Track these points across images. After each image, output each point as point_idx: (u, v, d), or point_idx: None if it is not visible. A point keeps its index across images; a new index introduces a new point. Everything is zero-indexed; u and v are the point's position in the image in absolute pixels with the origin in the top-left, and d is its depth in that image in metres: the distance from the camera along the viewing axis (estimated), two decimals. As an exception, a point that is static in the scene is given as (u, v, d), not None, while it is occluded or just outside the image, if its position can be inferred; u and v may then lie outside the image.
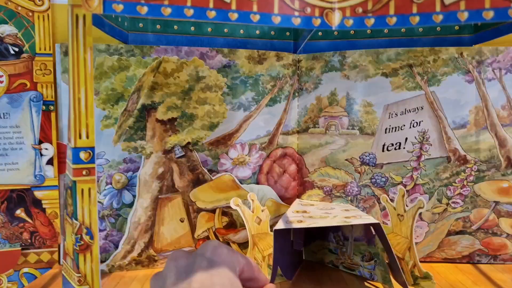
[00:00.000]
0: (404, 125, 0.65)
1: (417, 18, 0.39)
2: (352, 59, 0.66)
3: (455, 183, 0.65)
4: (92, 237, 0.42)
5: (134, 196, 0.63)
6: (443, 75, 0.64)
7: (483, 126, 0.64)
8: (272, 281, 0.53)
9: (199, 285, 0.37)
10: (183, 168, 0.64)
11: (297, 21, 0.40)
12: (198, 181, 0.65)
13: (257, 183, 0.68)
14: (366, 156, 0.67)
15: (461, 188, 0.65)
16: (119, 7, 0.37)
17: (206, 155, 0.66)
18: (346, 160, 0.67)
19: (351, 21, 0.40)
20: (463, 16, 0.38)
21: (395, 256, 0.51)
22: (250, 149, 0.68)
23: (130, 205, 0.63)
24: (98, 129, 0.62)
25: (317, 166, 0.69)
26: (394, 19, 0.39)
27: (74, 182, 0.41)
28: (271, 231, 0.61)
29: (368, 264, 0.59)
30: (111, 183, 0.64)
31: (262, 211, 0.61)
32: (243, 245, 0.68)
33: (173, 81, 0.61)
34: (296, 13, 0.40)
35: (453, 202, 0.65)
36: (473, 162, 0.64)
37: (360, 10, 0.40)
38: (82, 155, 0.42)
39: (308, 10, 0.40)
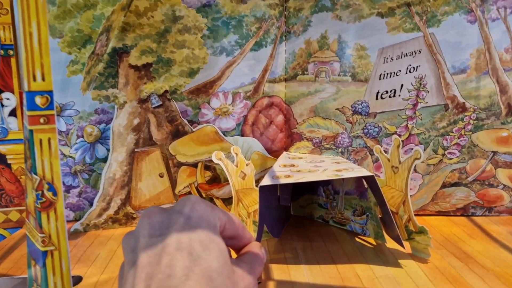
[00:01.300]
0: (400, 71, 0.61)
1: None
2: (345, -3, 0.59)
3: (452, 132, 0.61)
4: (55, 194, 0.38)
5: (108, 150, 0.58)
6: (443, 15, 0.59)
7: (484, 71, 0.60)
8: (258, 239, 0.49)
9: (175, 242, 0.33)
10: (161, 119, 0.58)
11: None
12: (177, 133, 0.60)
13: (242, 135, 0.64)
14: (358, 105, 0.62)
15: (458, 138, 0.61)
16: None
17: (185, 105, 0.60)
18: (337, 109, 0.63)
19: None
20: None
21: (389, 210, 0.47)
22: (233, 98, 0.62)
23: (105, 159, 0.59)
24: (64, 77, 0.56)
25: (306, 116, 0.64)
26: None
27: (31, 131, 0.36)
28: (257, 186, 0.57)
29: (360, 218, 0.55)
30: (82, 136, 0.59)
31: (247, 165, 0.57)
32: (228, 200, 0.64)
33: (147, 22, 0.55)
34: None
35: (449, 153, 0.62)
36: (472, 110, 0.60)
37: None
38: (38, 100, 0.36)
39: None
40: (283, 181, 0.47)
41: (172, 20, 0.56)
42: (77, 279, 0.44)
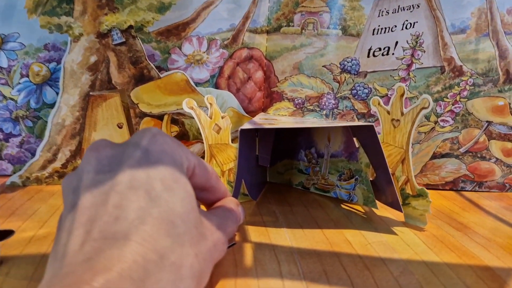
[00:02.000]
0: (396, 26, 0.55)
1: None
2: None
3: (447, 98, 0.56)
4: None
5: (58, 94, 0.49)
6: (446, -33, 0.53)
7: (484, 33, 0.55)
8: (235, 195, 0.42)
9: (128, 180, 0.25)
10: (123, 59, 0.50)
11: None
12: (142, 78, 0.51)
13: (216, 88, 0.56)
14: (348, 62, 0.56)
15: (453, 105, 0.56)
16: None
17: (153, 47, 0.52)
18: (324, 66, 0.56)
19: None
20: None
21: (389, 170, 0.41)
22: (209, 45, 0.55)
23: (53, 105, 0.50)
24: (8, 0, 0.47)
25: (289, 73, 0.57)
26: None
27: None
28: (233, 142, 0.50)
29: (347, 183, 0.49)
30: (27, 76, 0.49)
31: (223, 117, 0.50)
32: (196, 161, 0.56)
33: None
34: None
35: (442, 120, 0.57)
36: (469, 75, 0.55)
37: None
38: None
39: None
40: (268, 126, 0.40)
41: None
42: (6, 233, 0.36)
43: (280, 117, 0.53)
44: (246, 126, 0.41)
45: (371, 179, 0.46)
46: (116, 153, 0.26)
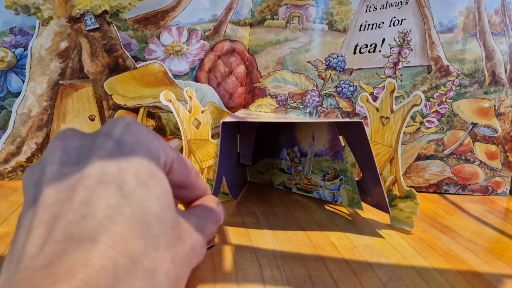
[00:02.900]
0: (383, 23, 0.53)
1: None
2: None
3: (433, 98, 0.55)
4: None
5: (24, 82, 0.46)
6: (435, -36, 0.52)
7: (472, 33, 0.54)
8: (215, 193, 0.39)
9: (98, 173, 0.22)
10: (96, 47, 0.47)
11: None
12: (116, 67, 0.48)
13: (196, 81, 0.53)
14: (333, 59, 0.54)
15: (439, 105, 0.55)
16: None
17: (130, 36, 0.49)
18: (309, 62, 0.54)
19: None
20: None
21: (378, 169, 0.39)
22: (189, 36, 0.52)
23: (19, 94, 0.46)
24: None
25: (272, 69, 0.55)
26: None
27: None
28: (213, 138, 0.47)
29: (331, 183, 0.47)
30: (-10, 61, 0.46)
31: (202, 112, 0.47)
32: (173, 158, 0.53)
33: None
34: None
35: (428, 121, 0.55)
36: (455, 75, 0.54)
37: None
38: None
39: None
40: (251, 120, 0.38)
41: None
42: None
43: (262, 113, 0.50)
44: (228, 119, 0.38)
45: (357, 179, 0.45)
46: (85, 143, 0.23)
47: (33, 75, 0.45)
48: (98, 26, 0.46)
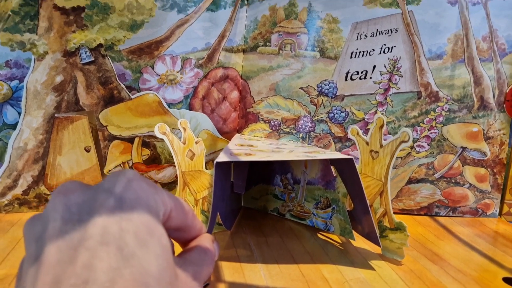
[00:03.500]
0: (374, 50, 0.54)
1: None
2: (320, -40, 0.52)
3: (423, 123, 0.56)
4: None
5: (20, 114, 0.46)
6: (424, -8, 0.53)
7: (460, 59, 0.55)
8: (209, 231, 0.40)
9: (99, 233, 0.22)
10: (92, 79, 0.47)
11: None
12: (111, 99, 0.49)
13: (190, 109, 0.54)
14: (325, 85, 0.55)
15: (429, 130, 0.56)
16: None
17: (124, 66, 0.49)
18: (301, 88, 0.55)
19: None
20: None
21: (367, 201, 0.40)
22: (183, 65, 0.53)
23: (14, 126, 0.46)
24: (-36, 12, 0.43)
25: (265, 94, 0.56)
26: None
27: None
28: (207, 169, 0.48)
29: (324, 212, 0.48)
30: (-14, 94, 0.46)
31: (196, 143, 0.48)
32: (168, 185, 0.54)
33: (81, -46, 0.44)
34: None
35: (418, 146, 0.56)
36: (445, 100, 0.55)
37: None
38: None
39: None
40: (244, 159, 0.39)
41: (114, -43, 0.45)
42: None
43: (256, 141, 0.51)
44: (222, 158, 0.39)
45: (348, 209, 0.46)
46: (86, 199, 0.24)
47: (29, 109, 0.45)
48: (93, 59, 0.47)
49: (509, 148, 0.58)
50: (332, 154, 0.40)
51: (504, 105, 0.56)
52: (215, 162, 0.37)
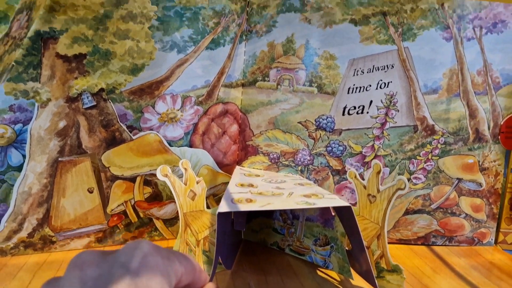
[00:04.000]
0: (370, 86, 0.55)
1: None
2: (317, -2, 0.53)
3: (420, 156, 0.57)
4: None
5: (24, 156, 0.47)
6: (419, 29, 0.54)
7: (456, 93, 0.56)
8: (211, 277, 0.41)
9: None
10: (94, 123, 0.48)
11: None
12: (113, 141, 0.50)
13: (191, 145, 0.55)
14: (323, 120, 0.56)
15: (425, 163, 0.57)
16: None
17: (125, 107, 0.50)
18: (299, 123, 0.56)
19: None
20: None
21: (364, 243, 0.41)
22: (183, 103, 0.53)
23: (19, 168, 0.47)
24: (-31, 62, 0.44)
25: (264, 128, 0.57)
26: None
27: None
28: (208, 208, 0.49)
29: (323, 249, 0.49)
30: (-10, 138, 0.47)
31: (197, 182, 0.49)
32: (170, 221, 0.55)
33: (82, 2, 0.44)
34: None
35: (415, 178, 0.57)
36: (440, 134, 0.56)
37: None
38: None
39: None
40: (246, 207, 0.40)
41: (114, 3, 0.46)
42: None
43: (256, 179, 0.52)
44: (223, 207, 0.40)
45: (347, 248, 0.47)
46: (102, 273, 0.25)
47: (33, 155, 0.46)
48: (95, 103, 0.48)
49: (504, 178, 0.59)
50: (331, 201, 0.41)
51: (499, 137, 0.57)
52: (217, 212, 0.38)
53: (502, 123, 0.57)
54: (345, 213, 0.43)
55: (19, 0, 0.42)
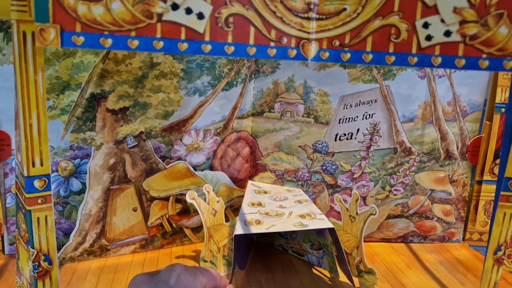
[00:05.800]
0: (357, 117, 0.67)
1: (393, 58, 0.38)
2: (312, 48, 0.64)
3: (399, 172, 0.69)
4: (50, 263, 0.41)
5: (83, 184, 0.61)
6: (398, 70, 0.65)
7: (429, 121, 0.67)
8: (231, 280, 0.55)
9: None
10: (136, 158, 0.61)
11: (272, 52, 0.38)
12: (151, 171, 0.63)
13: (211, 168, 0.68)
14: (319, 144, 0.68)
15: (404, 177, 0.69)
16: (80, 40, 0.32)
17: (159, 141, 0.63)
18: (299, 146, 0.68)
19: (327, 54, 0.39)
20: (437, 61, 0.38)
21: (344, 254, 0.54)
22: (204, 135, 0.66)
23: (79, 192, 0.61)
24: (40, 117, 0.57)
25: (270, 150, 0.69)
26: (370, 56, 0.39)
27: (29, 211, 0.39)
28: (226, 221, 0.62)
29: (317, 252, 0.63)
30: (57, 171, 0.61)
31: (217, 202, 0.62)
32: (196, 229, 0.69)
33: (125, 68, 0.57)
34: (272, 44, 0.38)
35: (395, 190, 0.70)
36: (416, 154, 0.68)
37: (337, 43, 0.38)
38: (37, 184, 0.39)
39: (285, 40, 0.38)
40: (255, 229, 0.53)
41: (149, 66, 0.58)
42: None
43: (264, 196, 0.65)
44: (239, 230, 0.53)
45: (335, 254, 0.60)
46: None
47: (91, 186, 0.60)
48: (136, 143, 0.61)
49: (470, 188, 0.71)
50: (320, 222, 0.54)
51: (466, 155, 0.69)
52: (233, 235, 0.52)
53: (469, 143, 0.69)
54: (332, 235, 0.56)
55: (80, 73, 0.54)
